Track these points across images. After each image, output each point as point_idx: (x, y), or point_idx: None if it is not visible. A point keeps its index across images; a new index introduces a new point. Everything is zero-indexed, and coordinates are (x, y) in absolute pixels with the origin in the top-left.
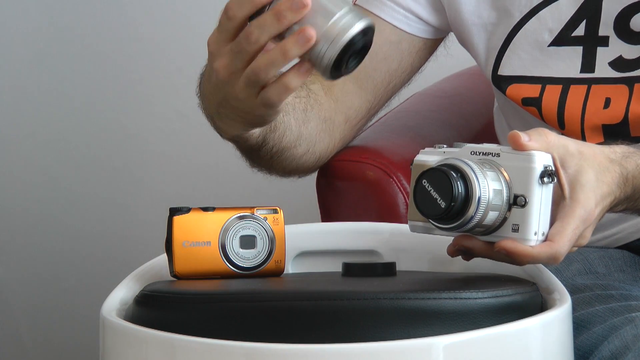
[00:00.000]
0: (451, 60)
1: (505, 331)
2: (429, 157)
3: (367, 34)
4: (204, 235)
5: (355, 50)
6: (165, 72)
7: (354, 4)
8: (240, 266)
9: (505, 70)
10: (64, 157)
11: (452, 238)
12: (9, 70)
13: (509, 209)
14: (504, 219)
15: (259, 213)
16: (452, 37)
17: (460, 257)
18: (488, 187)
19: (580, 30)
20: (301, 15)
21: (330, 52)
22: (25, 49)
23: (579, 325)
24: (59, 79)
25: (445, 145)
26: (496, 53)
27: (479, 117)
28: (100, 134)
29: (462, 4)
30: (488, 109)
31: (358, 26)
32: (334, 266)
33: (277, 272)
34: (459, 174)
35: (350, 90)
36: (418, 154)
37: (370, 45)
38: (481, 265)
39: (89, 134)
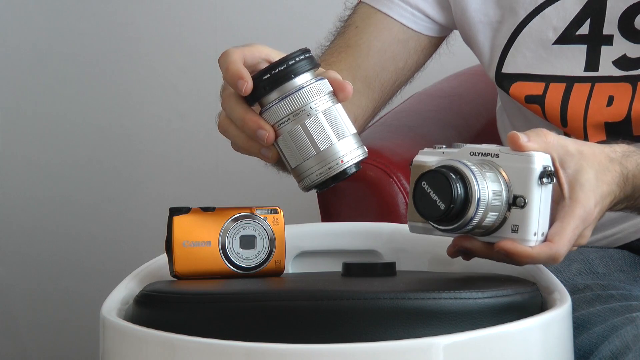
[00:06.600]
0: (452, 59)
1: (505, 331)
2: (428, 158)
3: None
4: (204, 235)
5: (332, 182)
6: (165, 72)
7: (359, 2)
8: (240, 266)
9: (509, 68)
10: (64, 157)
11: (452, 238)
12: (9, 70)
13: (509, 210)
14: (504, 220)
15: (259, 213)
16: (453, 36)
17: (460, 257)
18: (487, 189)
19: (584, 29)
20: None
21: (307, 182)
22: (25, 49)
23: (579, 325)
24: (58, 80)
25: (444, 146)
26: (500, 51)
27: (478, 117)
28: (100, 134)
29: (469, 2)
30: (488, 109)
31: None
32: (334, 266)
33: (277, 272)
34: (458, 176)
35: (358, 89)
36: (417, 154)
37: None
38: (481, 265)
39: (89, 134)
